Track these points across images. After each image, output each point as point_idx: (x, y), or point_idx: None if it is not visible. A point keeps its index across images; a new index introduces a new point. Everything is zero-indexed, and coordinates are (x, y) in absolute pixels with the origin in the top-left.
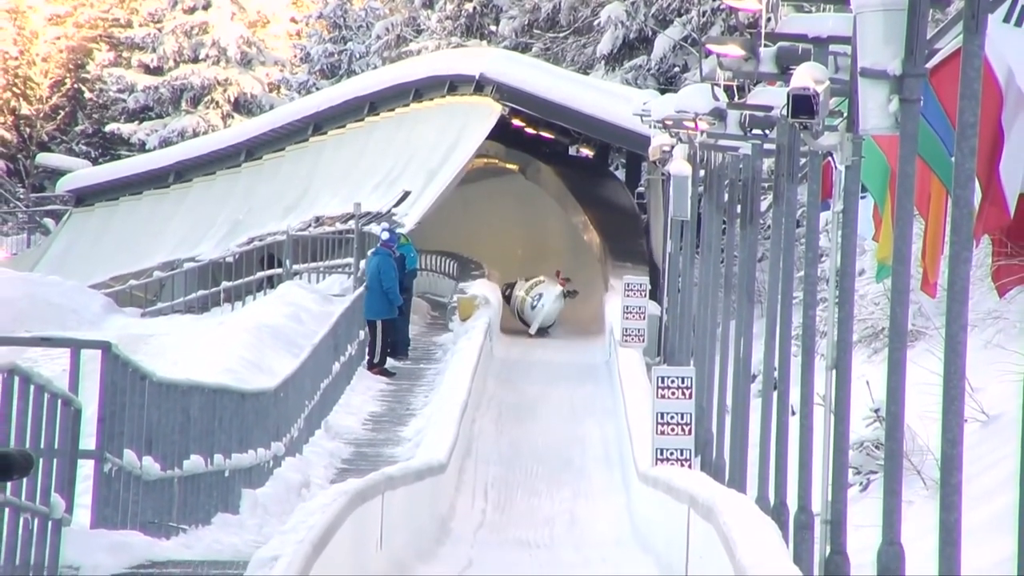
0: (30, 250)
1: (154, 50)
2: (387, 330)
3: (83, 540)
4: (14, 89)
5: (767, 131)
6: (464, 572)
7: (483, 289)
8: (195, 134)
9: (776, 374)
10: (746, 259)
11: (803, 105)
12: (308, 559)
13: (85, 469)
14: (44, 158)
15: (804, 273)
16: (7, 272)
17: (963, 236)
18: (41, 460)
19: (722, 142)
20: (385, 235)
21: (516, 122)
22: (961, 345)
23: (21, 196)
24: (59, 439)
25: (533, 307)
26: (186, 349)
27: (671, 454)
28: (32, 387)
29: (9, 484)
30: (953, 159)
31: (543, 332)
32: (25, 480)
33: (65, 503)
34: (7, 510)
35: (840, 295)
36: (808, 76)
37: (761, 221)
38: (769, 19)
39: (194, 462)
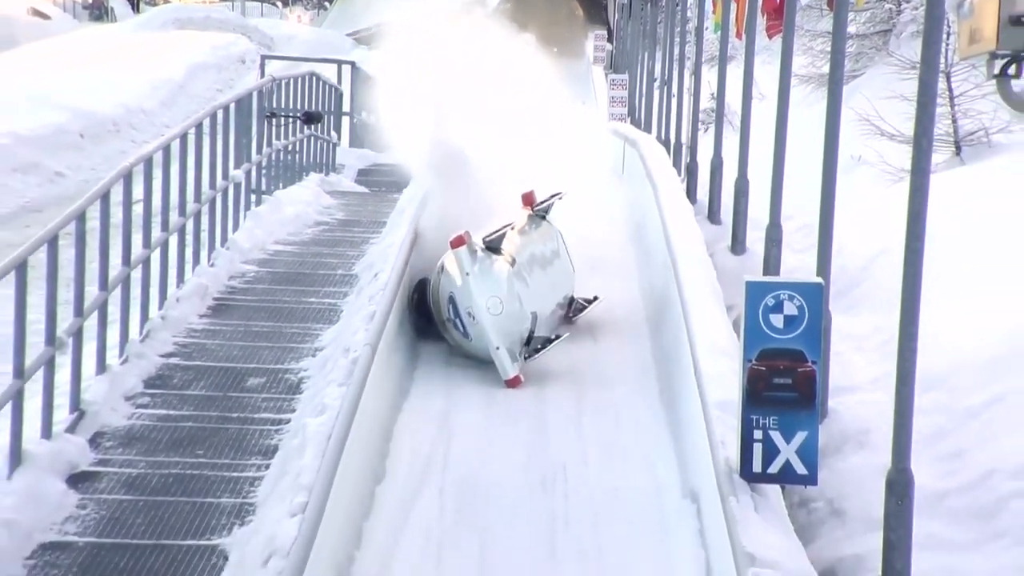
0: (318, 17)
1: None
2: None
3: (344, 152)
4: None
5: None
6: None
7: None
8: None
9: (667, 74)
10: (656, 25)
11: None
12: None
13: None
14: None
15: (695, 29)
16: (308, 27)
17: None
18: (325, 117)
19: None
20: None
21: None
22: (751, 66)
23: None
24: (332, 107)
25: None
26: None
27: (617, 117)
28: (320, 83)
29: (314, 127)
30: None
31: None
32: (319, 125)
33: (337, 137)
34: (314, 139)
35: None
36: None
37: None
38: None
39: None
